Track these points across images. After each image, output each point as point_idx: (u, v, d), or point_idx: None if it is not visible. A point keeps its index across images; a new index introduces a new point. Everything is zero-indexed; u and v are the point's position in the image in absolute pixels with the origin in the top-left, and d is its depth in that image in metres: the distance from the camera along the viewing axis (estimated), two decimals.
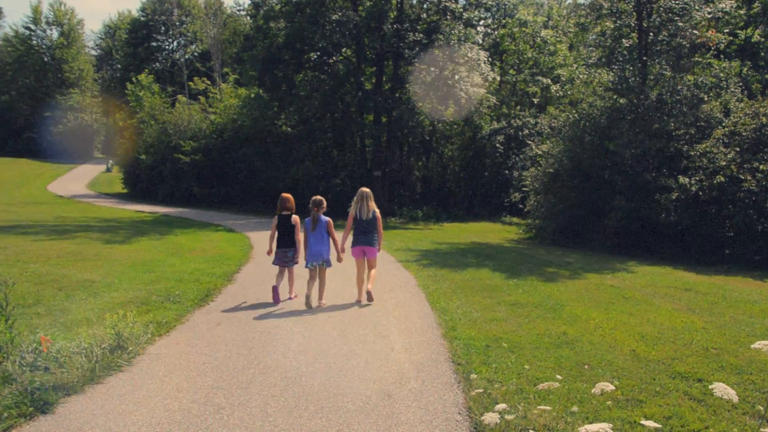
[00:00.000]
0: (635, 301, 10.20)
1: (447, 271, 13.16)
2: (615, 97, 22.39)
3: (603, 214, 19.80)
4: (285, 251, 9.98)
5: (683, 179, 17.85)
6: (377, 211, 9.94)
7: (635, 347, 7.25)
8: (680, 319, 8.79)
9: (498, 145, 35.74)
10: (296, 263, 10.08)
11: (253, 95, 35.57)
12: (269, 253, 10.01)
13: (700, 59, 21.63)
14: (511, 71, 39.89)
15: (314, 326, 8.06)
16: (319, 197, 9.84)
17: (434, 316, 8.73)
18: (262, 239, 18.83)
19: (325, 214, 9.85)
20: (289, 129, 35.91)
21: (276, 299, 9.43)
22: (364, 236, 9.84)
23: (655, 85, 21.26)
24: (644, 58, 21.21)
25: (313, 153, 35.14)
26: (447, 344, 7.28)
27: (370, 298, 9.58)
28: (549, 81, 37.19)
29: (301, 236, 9.98)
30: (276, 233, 10.03)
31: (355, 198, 9.95)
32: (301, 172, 32.66)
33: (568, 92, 31.52)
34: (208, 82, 45.16)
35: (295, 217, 9.99)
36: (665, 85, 20.97)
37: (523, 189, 26.54)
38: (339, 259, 9.92)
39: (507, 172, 35.02)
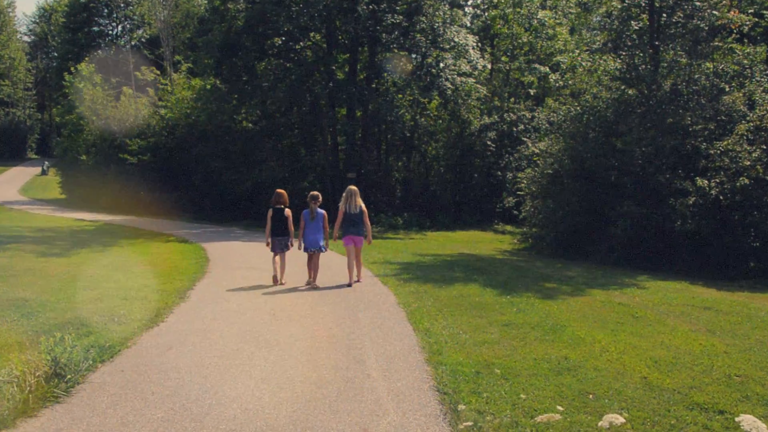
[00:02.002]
0: (647, 322, 10.23)
1: (431, 286, 13.14)
2: (623, 87, 22.51)
3: (609, 221, 19.84)
4: (279, 239, 13.17)
5: (701, 181, 17.93)
6: (363, 205, 13.25)
7: (647, 374, 7.25)
8: (698, 342, 8.82)
9: (489, 142, 35.87)
10: (289, 249, 13.28)
11: (209, 86, 35.46)
12: (267, 245, 13.27)
13: (720, 44, 21.67)
14: (503, 58, 40.08)
15: (279, 350, 8.03)
16: (315, 192, 13.54)
17: (416, 339, 8.70)
18: (219, 251, 18.88)
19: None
20: (250, 125, 35.81)
21: (275, 281, 12.95)
22: (353, 228, 13.18)
23: (668, 74, 21.41)
24: (656, 43, 21.35)
25: (278, 152, 35.04)
26: (431, 370, 7.26)
27: (358, 280, 13.33)
28: (547, 69, 37.38)
29: (293, 227, 13.32)
30: (271, 224, 13.17)
31: (344, 195, 13.26)
32: (264, 174, 32.54)
33: (569, 82, 31.58)
34: (158, 72, 44.96)
35: (288, 210, 13.29)
36: (680, 74, 21.12)
37: (518, 193, 26.64)
38: (335, 238, 13.37)
39: (499, 173, 35.18)
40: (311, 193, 13.46)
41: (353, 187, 13.49)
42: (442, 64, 31.20)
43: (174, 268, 15.24)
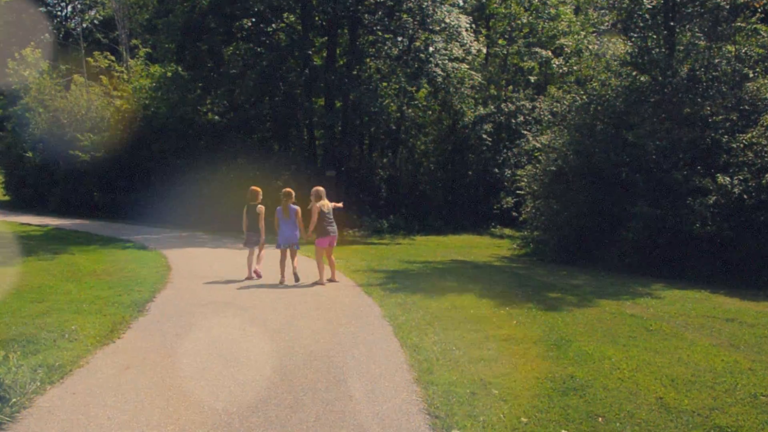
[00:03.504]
0: (662, 335, 10.26)
1: (420, 297, 13.13)
2: (634, 73, 22.59)
3: (620, 223, 19.90)
4: (250, 234, 15.35)
5: (723, 179, 17.98)
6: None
7: (663, 394, 7.27)
8: (720, 358, 8.85)
9: (485, 136, 35.94)
10: (258, 245, 15.39)
11: (169, 74, 35.30)
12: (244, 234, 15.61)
13: (743, 24, 21.70)
14: (500, 41, 40.21)
15: (250, 369, 7.99)
16: (288, 189, 15.08)
17: (404, 356, 8.68)
18: (182, 258, 18.84)
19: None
20: (216, 117, 35.68)
21: (250, 275, 15.10)
22: (333, 227, 14.64)
23: (685, 58, 21.46)
24: (671, 24, 21.44)
25: (247, 147, 34.91)
26: (421, 391, 7.24)
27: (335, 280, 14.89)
28: (549, 54, 37.49)
29: (263, 224, 15.28)
30: (246, 221, 15.38)
31: (317, 195, 14.51)
32: (232, 172, 32.44)
33: (574, 68, 31.74)
34: (113, 58, 44.75)
35: (260, 207, 15.29)
36: (698, 58, 21.17)
37: (518, 192, 26.66)
38: (309, 236, 14.73)
39: (497, 170, 35.26)
40: (284, 190, 15.18)
41: (321, 188, 14.96)
42: (431, 48, 31.20)
43: (131, 277, 15.12)
